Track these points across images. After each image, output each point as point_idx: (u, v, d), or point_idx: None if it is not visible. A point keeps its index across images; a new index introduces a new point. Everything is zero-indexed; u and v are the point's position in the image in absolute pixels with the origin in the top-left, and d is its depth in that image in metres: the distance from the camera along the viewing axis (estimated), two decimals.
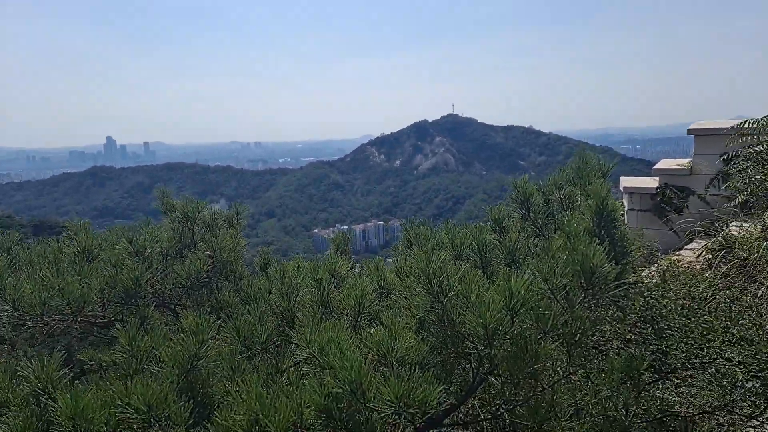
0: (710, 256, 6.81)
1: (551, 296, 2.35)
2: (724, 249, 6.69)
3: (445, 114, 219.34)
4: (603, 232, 2.58)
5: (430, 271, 2.42)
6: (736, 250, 6.40)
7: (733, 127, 8.35)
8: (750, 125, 7.90)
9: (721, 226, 7.55)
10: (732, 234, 6.80)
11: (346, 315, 2.70)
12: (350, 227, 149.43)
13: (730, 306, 3.47)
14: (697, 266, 6.80)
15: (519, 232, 3.00)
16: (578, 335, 2.24)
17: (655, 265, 7.68)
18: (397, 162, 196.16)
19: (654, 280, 3.66)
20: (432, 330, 2.42)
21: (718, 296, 3.81)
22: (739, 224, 7.31)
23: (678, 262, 7.32)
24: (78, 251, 3.05)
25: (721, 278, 5.83)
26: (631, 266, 2.87)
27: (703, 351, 2.99)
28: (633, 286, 3.42)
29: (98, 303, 2.69)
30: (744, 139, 7.95)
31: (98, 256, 3.07)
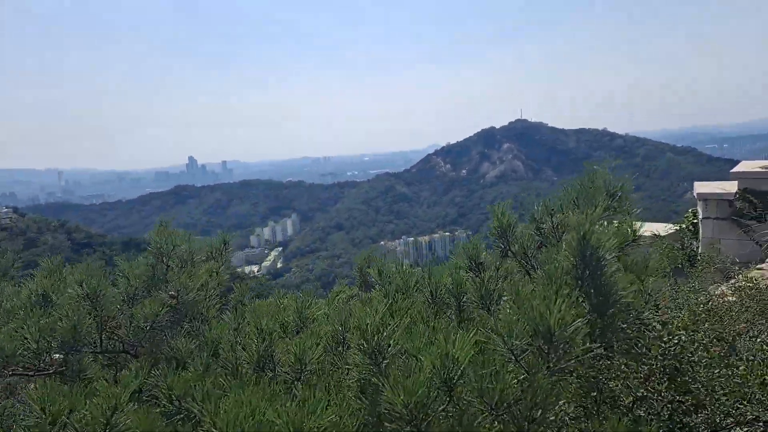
0: None
1: (511, 360, 1.88)
2: None
3: (513, 120, 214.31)
4: (586, 275, 2.06)
5: (366, 326, 2.02)
6: None
7: None
8: None
9: None
10: None
11: (288, 374, 2.35)
12: (416, 238, 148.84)
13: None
14: None
15: (497, 269, 2.52)
16: (537, 411, 1.75)
17: (732, 281, 6.69)
18: (464, 171, 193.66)
19: (680, 320, 3.01)
20: (370, 399, 2.02)
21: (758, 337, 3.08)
22: None
23: (758, 278, 6.34)
24: (37, 294, 2.93)
25: None
26: (640, 308, 2.31)
27: (735, 411, 2.35)
28: (649, 328, 2.83)
29: (31, 354, 2.52)
30: None
31: (54, 300, 2.94)
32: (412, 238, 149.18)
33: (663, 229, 10.55)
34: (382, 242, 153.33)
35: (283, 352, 2.45)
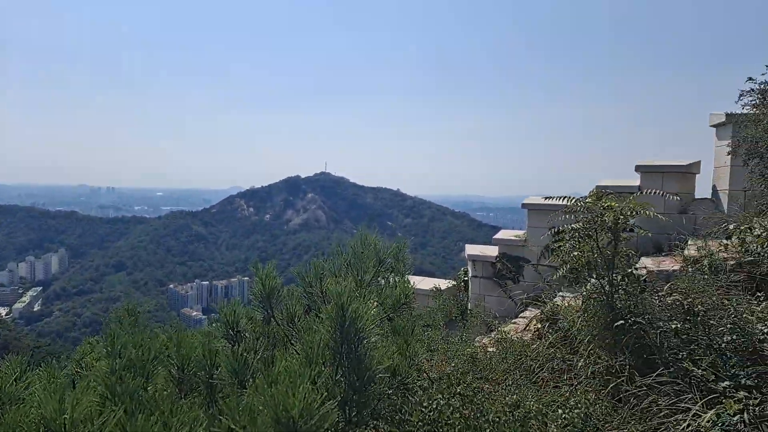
0: (539, 326, 6.78)
1: None
2: (549, 320, 6.71)
3: (318, 171, 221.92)
4: (344, 349, 1.91)
5: (63, 422, 1.51)
6: (560, 321, 6.41)
7: (558, 204, 8.82)
8: (571, 203, 8.38)
9: (549, 297, 7.68)
10: (557, 305, 6.87)
11: None
12: (212, 282, 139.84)
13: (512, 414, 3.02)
14: (528, 335, 6.71)
15: (257, 339, 2.23)
16: None
17: (493, 333, 7.48)
18: (268, 216, 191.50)
19: (442, 381, 3.10)
20: None
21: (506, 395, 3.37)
22: (563, 295, 7.47)
23: (511, 331, 7.17)
24: None
25: (547, 348, 5.71)
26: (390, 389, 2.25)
27: None
28: (411, 393, 2.82)
29: None
30: (568, 216, 8.41)
31: None
32: (207, 282, 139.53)
33: (444, 283, 11.62)
34: (172, 285, 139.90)
35: None
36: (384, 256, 2.63)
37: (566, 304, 6.59)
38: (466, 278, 12.45)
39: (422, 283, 11.05)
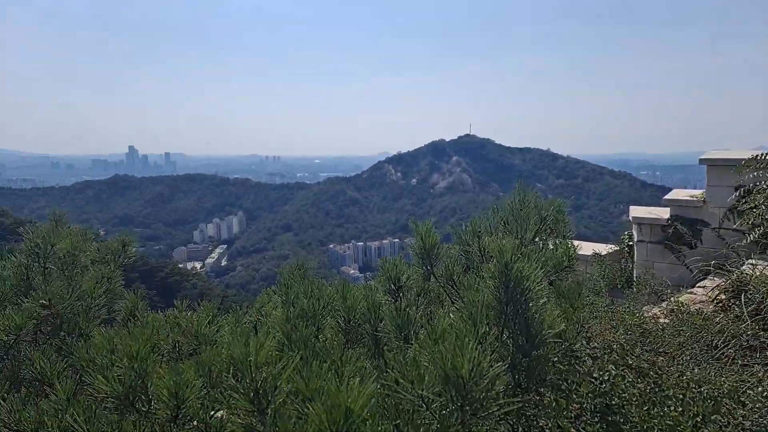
0: (723, 297, 5.98)
1: (421, 408, 1.58)
2: (736, 290, 5.88)
3: (462, 134, 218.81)
4: (509, 309, 1.80)
5: (249, 364, 1.66)
6: (751, 292, 5.58)
7: (748, 159, 7.50)
8: (765, 158, 7.08)
9: (736, 265, 6.68)
10: (746, 274, 5.96)
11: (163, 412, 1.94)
12: (366, 243, 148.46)
13: (700, 391, 2.64)
14: (710, 308, 5.97)
15: (418, 295, 2.22)
16: None
17: (664, 303, 6.78)
18: (414, 180, 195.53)
19: (612, 352, 2.83)
20: None
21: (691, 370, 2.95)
22: (753, 263, 6.44)
23: (687, 302, 6.43)
24: None
25: (733, 322, 5.05)
26: (572, 337, 2.08)
27: None
28: (579, 362, 2.62)
29: None
30: (759, 173, 7.13)
31: None
32: (362, 243, 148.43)
33: (604, 248, 10.77)
34: (331, 245, 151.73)
35: (158, 384, 2.04)
36: (545, 213, 2.43)
37: (758, 273, 5.66)
38: (630, 243, 11.34)
39: (579, 248, 10.30)
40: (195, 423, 1.93)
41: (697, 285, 7.68)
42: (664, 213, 9.63)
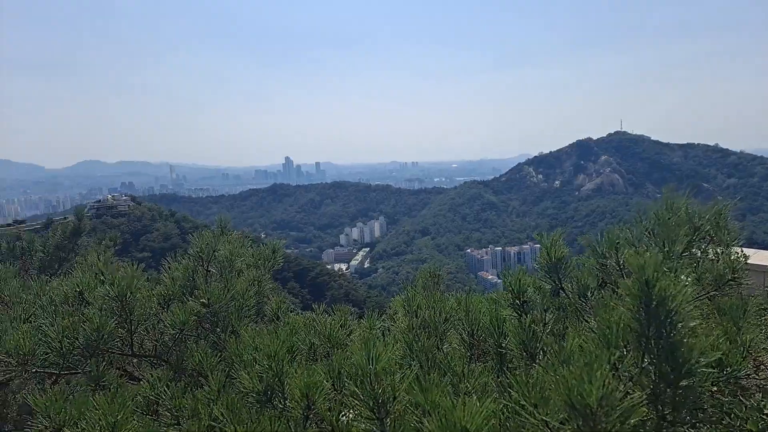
0: None
1: None
2: None
3: (612, 131, 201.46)
4: (651, 332, 1.61)
5: (369, 372, 1.72)
6: None
7: None
8: None
9: None
10: None
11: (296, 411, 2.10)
12: (504, 249, 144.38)
13: None
14: None
15: (545, 311, 2.09)
16: None
17: None
18: (557, 182, 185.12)
19: None
20: None
21: None
22: None
23: None
24: (73, 292, 2.95)
25: None
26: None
27: None
28: (746, 394, 2.25)
29: (56, 353, 2.50)
30: None
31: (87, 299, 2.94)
32: (500, 248, 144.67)
33: None
34: (468, 250, 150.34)
35: (292, 384, 2.21)
36: (699, 222, 2.12)
37: None
38: None
39: (755, 256, 8.83)
40: (324, 424, 2.04)
41: None
42: None
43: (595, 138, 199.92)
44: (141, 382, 2.60)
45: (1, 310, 2.95)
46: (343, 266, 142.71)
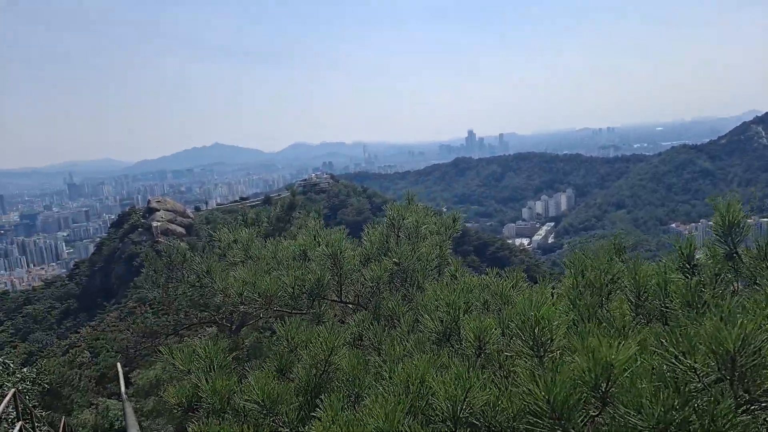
0: None
1: (694, 381, 1.63)
2: None
3: None
4: None
5: (532, 317, 2.02)
6: None
7: None
8: None
9: None
10: None
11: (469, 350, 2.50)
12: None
13: None
14: None
15: (717, 275, 2.11)
16: None
17: None
18: None
19: None
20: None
21: None
22: None
23: None
24: (300, 249, 3.79)
25: None
26: None
27: None
28: None
29: (288, 297, 3.31)
30: None
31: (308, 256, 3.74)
32: (713, 222, 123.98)
33: None
34: (674, 224, 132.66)
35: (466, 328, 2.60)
36: None
37: None
38: None
39: None
40: (493, 362, 2.41)
41: None
42: None
43: None
44: (346, 323, 3.29)
45: (251, 264, 3.95)
46: (525, 241, 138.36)
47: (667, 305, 2.18)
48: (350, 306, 3.78)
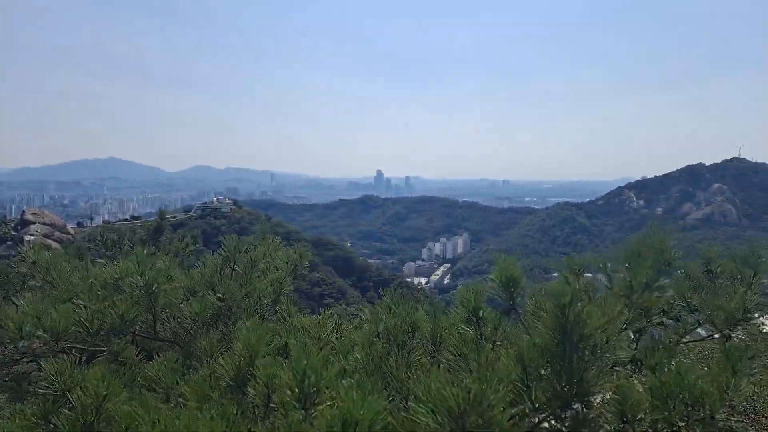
0: None
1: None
2: None
3: (729, 158, 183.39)
4: (566, 352, 1.63)
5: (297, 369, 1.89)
6: None
7: None
8: None
9: None
10: None
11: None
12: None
13: None
14: None
15: (495, 329, 2.15)
16: None
17: None
18: (659, 209, 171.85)
19: None
20: None
21: None
22: None
23: None
24: (112, 278, 3.40)
25: None
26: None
27: None
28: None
29: (85, 333, 2.93)
30: None
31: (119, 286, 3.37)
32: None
33: None
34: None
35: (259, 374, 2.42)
36: (671, 254, 2.06)
37: None
38: None
39: None
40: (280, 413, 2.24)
41: None
42: None
43: (707, 164, 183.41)
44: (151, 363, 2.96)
45: (47, 292, 3.47)
46: (423, 280, 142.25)
47: (446, 357, 2.17)
48: (167, 343, 3.45)
